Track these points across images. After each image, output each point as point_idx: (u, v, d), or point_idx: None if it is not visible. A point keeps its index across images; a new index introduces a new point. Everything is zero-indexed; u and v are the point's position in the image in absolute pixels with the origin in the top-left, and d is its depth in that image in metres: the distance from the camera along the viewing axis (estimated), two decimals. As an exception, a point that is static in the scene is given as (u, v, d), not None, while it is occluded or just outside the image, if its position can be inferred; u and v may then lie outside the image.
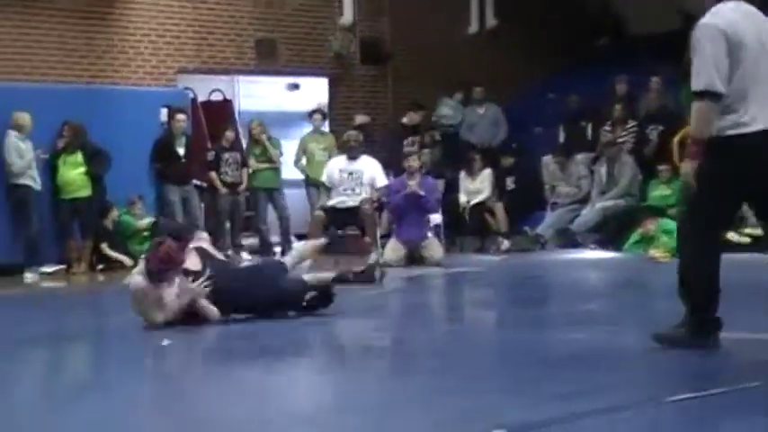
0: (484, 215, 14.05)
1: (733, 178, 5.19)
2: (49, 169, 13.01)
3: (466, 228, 14.15)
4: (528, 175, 14.68)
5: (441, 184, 13.63)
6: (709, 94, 5.12)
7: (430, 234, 12.26)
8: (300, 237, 13.65)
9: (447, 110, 16.05)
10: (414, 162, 12.38)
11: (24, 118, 12.69)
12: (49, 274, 12.52)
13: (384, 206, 12.55)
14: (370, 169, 12.37)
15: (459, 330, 7.22)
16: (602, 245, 13.03)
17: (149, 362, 6.26)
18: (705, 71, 5.13)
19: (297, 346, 6.60)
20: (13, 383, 5.57)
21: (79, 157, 12.97)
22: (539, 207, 14.45)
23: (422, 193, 12.05)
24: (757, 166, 5.18)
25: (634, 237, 12.24)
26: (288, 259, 7.83)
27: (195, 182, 13.89)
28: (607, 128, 14.42)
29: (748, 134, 5.15)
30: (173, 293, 6.88)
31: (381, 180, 12.39)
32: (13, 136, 12.62)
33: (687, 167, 5.22)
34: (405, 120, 15.25)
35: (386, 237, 12.43)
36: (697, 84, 5.17)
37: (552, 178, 14.43)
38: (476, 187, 14.22)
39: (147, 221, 13.26)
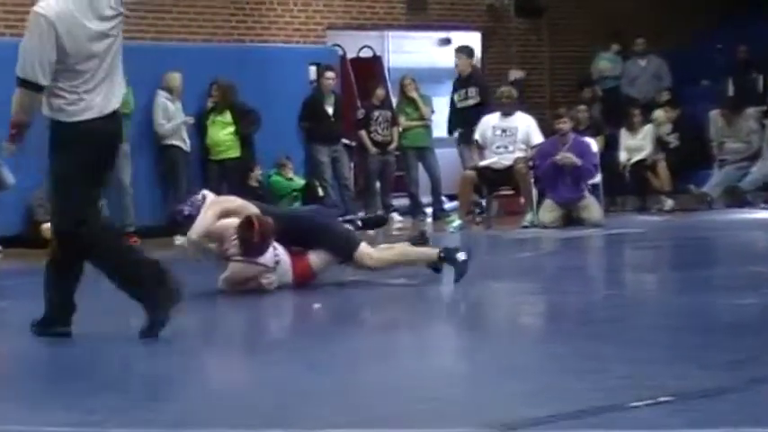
0: (645, 173, 13.50)
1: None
2: (199, 130, 12.99)
3: (626, 186, 13.69)
4: (693, 131, 14.09)
5: (599, 140, 13.15)
6: None
7: (587, 194, 11.79)
8: (451, 197, 13.39)
9: (605, 63, 15.64)
10: (563, 125, 11.88)
11: (175, 78, 12.64)
12: (198, 235, 12.51)
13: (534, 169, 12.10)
14: (525, 126, 12.04)
15: (618, 294, 7.00)
16: (774, 204, 12.55)
17: (306, 324, 6.39)
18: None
19: (450, 308, 6.61)
20: (189, 340, 5.64)
21: (228, 116, 12.89)
22: (704, 164, 13.86)
23: (578, 162, 11.55)
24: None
25: (808, 195, 11.63)
26: None
27: (344, 141, 13.72)
28: (779, 79, 13.81)
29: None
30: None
31: (537, 137, 12.05)
32: (162, 96, 12.61)
33: None
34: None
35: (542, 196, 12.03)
36: None
37: (720, 134, 13.84)
38: (637, 144, 13.72)
39: (296, 182, 13.16)
